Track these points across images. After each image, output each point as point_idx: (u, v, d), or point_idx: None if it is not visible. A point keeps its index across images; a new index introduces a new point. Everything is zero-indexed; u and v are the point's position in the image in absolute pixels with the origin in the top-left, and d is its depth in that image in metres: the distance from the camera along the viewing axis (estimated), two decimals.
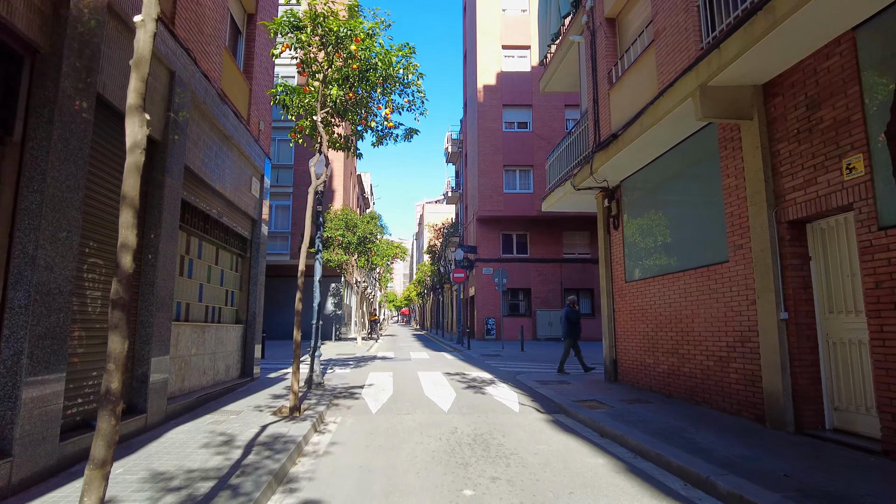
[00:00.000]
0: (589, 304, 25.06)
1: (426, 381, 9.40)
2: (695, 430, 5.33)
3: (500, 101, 25.27)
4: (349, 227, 19.05)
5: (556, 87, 11.91)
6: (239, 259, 9.16)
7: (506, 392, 8.28)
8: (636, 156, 7.82)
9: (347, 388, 8.57)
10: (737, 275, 6.05)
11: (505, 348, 17.98)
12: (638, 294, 8.52)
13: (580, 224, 25.19)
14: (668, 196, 7.70)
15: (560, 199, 10.40)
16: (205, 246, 7.59)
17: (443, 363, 13.02)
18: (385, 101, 7.77)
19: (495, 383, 9.21)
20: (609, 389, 8.35)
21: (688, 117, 6.40)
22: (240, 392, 7.86)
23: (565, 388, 8.52)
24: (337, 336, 24.31)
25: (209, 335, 7.51)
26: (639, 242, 8.57)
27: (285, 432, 5.25)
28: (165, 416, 5.55)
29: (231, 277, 8.77)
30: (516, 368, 11.86)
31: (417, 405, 7.22)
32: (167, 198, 5.56)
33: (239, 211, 8.64)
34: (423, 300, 57.01)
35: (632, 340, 8.70)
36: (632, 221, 8.83)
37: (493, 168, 24.88)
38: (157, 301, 5.36)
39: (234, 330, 8.64)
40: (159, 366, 5.40)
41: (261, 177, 9.65)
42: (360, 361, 13.49)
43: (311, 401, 7.22)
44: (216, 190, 7.41)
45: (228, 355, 8.35)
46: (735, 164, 6.10)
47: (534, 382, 9.25)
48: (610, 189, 9.36)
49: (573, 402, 7.23)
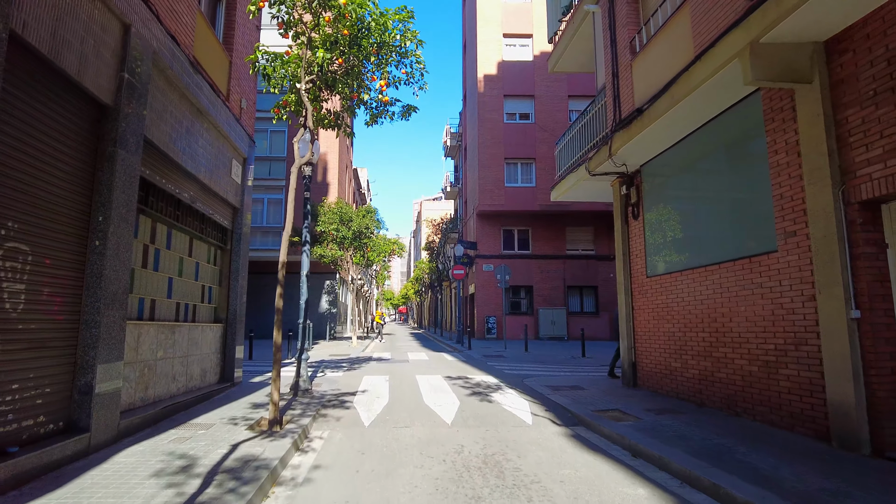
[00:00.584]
0: (593, 303, 24.23)
1: (425, 387, 8.53)
2: (746, 450, 4.48)
3: (501, 91, 24.38)
4: (344, 221, 18.15)
5: (566, 66, 11.03)
6: (218, 251, 8.27)
7: (515, 400, 7.42)
8: (662, 134, 6.96)
9: (338, 395, 7.70)
10: (788, 266, 5.20)
11: (508, 348, 17.13)
12: (662, 290, 7.66)
13: (584, 219, 24.36)
14: (699, 180, 6.85)
15: (572, 188, 9.53)
16: (175, 235, 6.69)
17: (443, 365, 12.16)
18: (380, 74, 6.89)
19: (502, 389, 8.35)
20: (630, 396, 7.50)
21: (729, 85, 5.54)
22: (216, 400, 6.98)
23: (581, 395, 7.68)
24: (331, 335, 23.42)
25: (180, 336, 6.62)
26: (663, 233, 7.72)
27: (259, 453, 4.38)
28: (117, 433, 4.66)
29: (208, 271, 7.88)
30: (522, 371, 11.01)
31: (416, 416, 6.35)
32: (120, 174, 4.67)
33: (217, 197, 7.74)
34: (421, 298, 56.16)
35: (654, 342, 7.85)
36: (654, 210, 7.97)
37: (494, 161, 24.00)
38: (106, 296, 4.47)
39: (211, 330, 7.75)
40: (109, 373, 4.52)
41: (243, 161, 8.75)
42: (354, 363, 12.61)
43: (296, 411, 6.35)
44: (187, 171, 6.52)
45: (205, 358, 7.46)
46: (786, 138, 5.24)
47: (544, 388, 8.40)
48: (628, 175, 8.50)
49: (593, 412, 6.38)
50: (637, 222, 8.42)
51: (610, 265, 24.04)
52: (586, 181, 9.08)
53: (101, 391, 4.41)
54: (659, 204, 7.87)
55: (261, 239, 22.75)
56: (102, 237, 4.48)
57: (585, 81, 24.45)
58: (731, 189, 6.23)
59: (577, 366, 12.36)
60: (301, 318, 7.79)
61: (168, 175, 6.17)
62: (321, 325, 23.48)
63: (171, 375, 6.34)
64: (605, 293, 23.89)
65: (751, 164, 5.85)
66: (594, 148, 8.55)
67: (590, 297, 24.26)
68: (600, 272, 24.08)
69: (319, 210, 18.42)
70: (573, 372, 10.94)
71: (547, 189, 23.59)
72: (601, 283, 23.99)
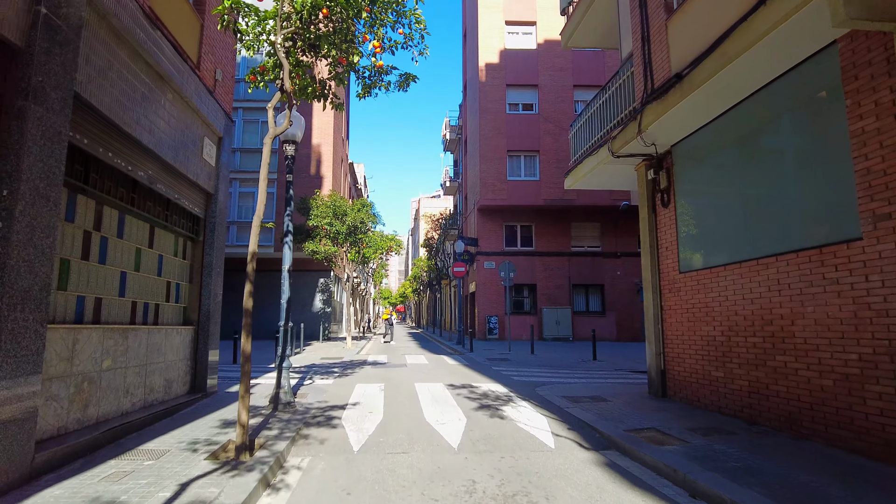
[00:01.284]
0: (599, 302, 23.23)
1: (426, 398, 7.49)
2: (846, 495, 3.46)
3: (504, 80, 23.33)
4: (338, 215, 17.08)
5: (581, 40, 9.98)
6: (188, 243, 7.22)
7: (530, 415, 6.40)
8: (706, 103, 5.93)
9: (325, 409, 6.65)
10: (879, 257, 4.18)
11: (512, 350, 16.10)
12: (699, 287, 6.65)
13: (590, 214, 23.35)
14: (748, 156, 5.83)
15: (590, 173, 8.50)
16: (130, 222, 5.64)
17: (444, 370, 11.12)
18: (373, 35, 5.86)
19: (513, 401, 7.32)
20: (662, 410, 6.48)
21: (802, 33, 4.51)
22: (181, 416, 5.93)
23: (605, 409, 6.66)
24: (325, 336, 22.37)
25: (136, 342, 5.57)
26: (700, 222, 6.70)
27: (212, 498, 3.34)
28: (30, 471, 3.61)
29: (175, 266, 6.83)
30: (532, 377, 9.98)
31: (416, 437, 5.32)
32: (34, 136, 3.61)
33: (185, 180, 6.69)
34: (419, 297, 55.14)
35: (689, 347, 6.83)
36: (689, 195, 6.95)
37: (496, 153, 22.95)
38: (11, 293, 3.42)
39: (178, 334, 6.71)
40: (14, 392, 3.47)
41: (218, 140, 7.70)
42: (347, 368, 11.57)
43: (272, 430, 5.31)
44: (143, 145, 5.46)
45: (170, 366, 6.42)
46: (875, 98, 4.22)
47: (561, 399, 7.38)
48: (657, 157, 7.48)
49: (626, 432, 5.37)
50: (667, 211, 7.40)
51: (617, 263, 23.05)
52: (608, 165, 8.05)
53: (4, 417, 3.36)
54: (695, 188, 6.85)
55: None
56: (6, 217, 3.43)
57: (592, 70, 23.44)
58: (794, 166, 5.21)
59: (589, 370, 11.35)
60: (282, 319, 6.74)
61: (116, 148, 5.11)
62: (314, 326, 22.43)
63: (122, 389, 5.29)
64: (612, 292, 22.90)
65: (821, 135, 4.83)
66: (619, 126, 7.52)
67: (596, 296, 23.27)
68: (607, 270, 23.07)
69: (312, 203, 17.35)
70: (588, 378, 9.92)
71: (551, 183, 22.58)
72: (608, 281, 22.99)
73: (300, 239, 17.96)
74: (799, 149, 5.16)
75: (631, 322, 22.72)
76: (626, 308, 22.80)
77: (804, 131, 5.09)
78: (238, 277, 22.77)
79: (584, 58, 23.67)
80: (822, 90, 4.83)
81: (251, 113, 22.34)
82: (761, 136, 5.65)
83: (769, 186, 5.51)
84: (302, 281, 23.57)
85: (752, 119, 5.72)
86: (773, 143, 5.51)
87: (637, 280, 22.95)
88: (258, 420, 5.83)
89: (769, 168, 5.53)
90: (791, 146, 5.27)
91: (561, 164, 22.77)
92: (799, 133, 5.17)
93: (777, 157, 5.44)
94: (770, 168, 5.51)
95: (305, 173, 22.83)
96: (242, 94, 22.49)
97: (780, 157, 5.41)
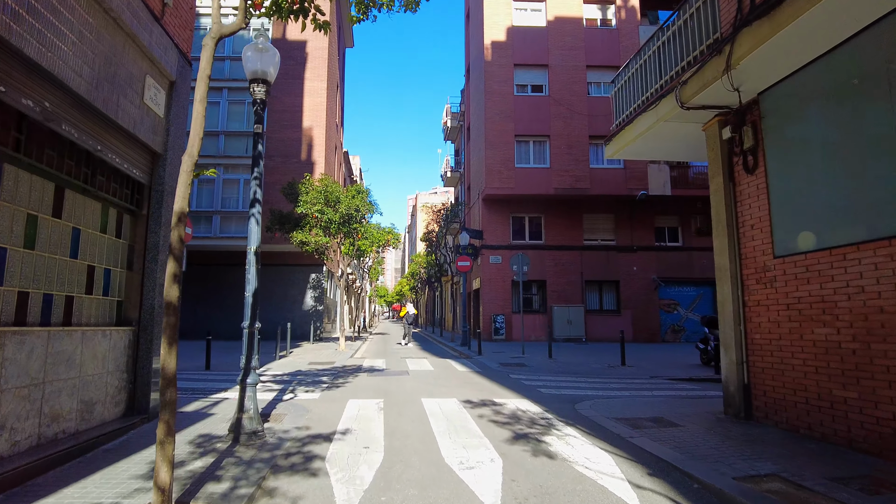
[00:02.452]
0: (613, 300, 21.56)
1: (439, 422, 5.75)
2: None
3: (511, 59, 21.57)
4: (330, 202, 15.29)
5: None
6: (126, 217, 5.46)
7: (586, 449, 4.67)
8: (829, 23, 4.21)
9: (304, 441, 4.90)
10: None
11: (526, 354, 14.38)
12: (808, 276, 4.94)
13: (604, 205, 21.67)
14: (887, 97, 4.11)
15: (641, 136, 6.79)
16: (15, 175, 3.87)
17: (454, 380, 9.38)
18: None
19: (555, 426, 5.59)
20: (760, 442, 4.78)
21: None
22: (96, 457, 4.17)
23: (680, 438, 4.96)
24: (317, 336, 20.58)
25: (28, 351, 3.81)
26: (808, 188, 4.99)
27: None
28: None
29: (105, 246, 5.06)
30: (562, 389, 8.27)
31: (435, 496, 3.57)
32: None
33: (114, 127, 4.92)
34: (417, 295, 53.39)
35: (793, 355, 5.13)
36: (788, 154, 5.24)
37: (503, 138, 21.21)
38: None
39: (107, 338, 4.94)
40: None
41: (169, 85, 5.93)
42: (339, 375, 9.81)
43: (222, 483, 3.56)
44: (27, 57, 3.69)
45: (89, 383, 4.65)
46: None
47: (615, 423, 5.67)
48: (738, 108, 5.78)
49: (737, 481, 3.68)
50: (753, 177, 5.69)
51: (633, 257, 21.38)
52: (668, 123, 6.35)
53: None
54: (797, 145, 5.14)
55: (235, 227, 19.84)
56: None
57: (607, 50, 21.75)
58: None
59: (623, 378, 9.66)
60: (246, 319, 4.98)
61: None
62: (306, 326, 20.64)
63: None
64: (628, 289, 21.23)
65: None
66: (692, 67, 5.78)
67: (610, 292, 21.59)
68: (622, 265, 21.40)
69: (301, 188, 15.54)
70: (629, 390, 8.22)
71: (563, 170, 20.88)
72: (623, 277, 21.31)
73: (288, 228, 16.16)
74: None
75: (648, 321, 21.05)
76: (642, 306, 21.13)
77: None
78: (221, 272, 20.97)
79: (598, 36, 21.97)
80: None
81: (237, 94, 20.52)
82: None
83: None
84: (291, 276, 21.76)
85: (883, 46, 4.01)
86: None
87: (655, 276, 21.30)
88: (205, 462, 4.07)
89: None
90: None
91: (573, 150, 21.06)
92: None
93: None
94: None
95: (295, 158, 21.01)
96: (228, 72, 20.65)
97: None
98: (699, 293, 21.70)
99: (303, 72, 21.71)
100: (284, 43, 21.79)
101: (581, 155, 21.02)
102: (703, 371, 10.98)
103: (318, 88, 21.66)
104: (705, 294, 21.69)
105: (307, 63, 21.82)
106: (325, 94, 21.82)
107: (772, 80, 5.30)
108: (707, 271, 21.56)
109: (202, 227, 19.80)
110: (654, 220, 21.85)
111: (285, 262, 21.43)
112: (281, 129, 21.20)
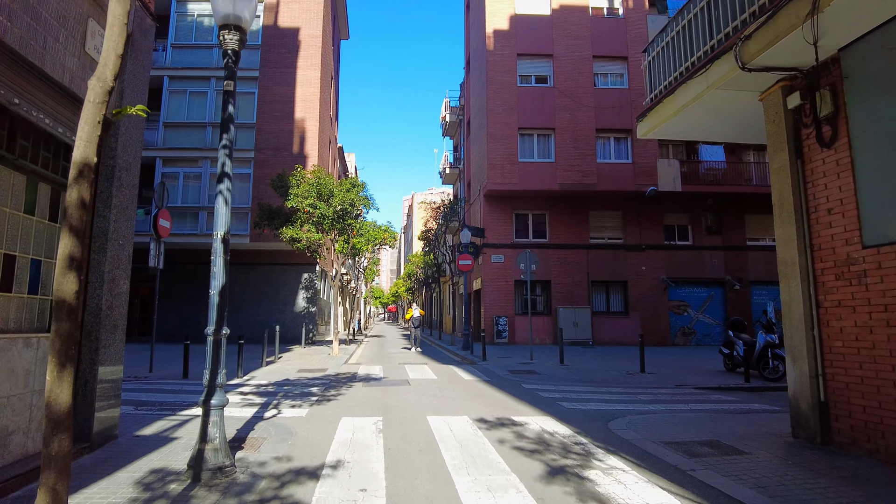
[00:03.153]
0: (621, 301, 20.60)
1: (452, 450, 4.70)
2: None
3: (514, 49, 20.59)
4: (323, 195, 14.23)
5: None
6: (63, 196, 4.39)
7: (641, 488, 3.65)
8: None
9: (283, 481, 3.85)
10: None
11: (535, 359, 13.36)
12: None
13: (611, 202, 20.72)
14: None
15: (685, 107, 5.79)
16: None
17: (461, 391, 8.34)
18: None
19: (593, 454, 4.56)
20: (865, 480, 3.78)
21: None
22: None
23: (753, 471, 3.97)
24: (309, 339, 19.50)
25: None
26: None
27: None
28: None
29: (28, 231, 4.01)
30: (586, 403, 7.27)
31: None
32: None
33: (43, 80, 3.87)
34: (413, 296, 52.29)
35: (892, 368, 4.13)
36: (883, 120, 4.26)
37: (506, 131, 20.21)
38: None
39: (32, 348, 3.88)
40: None
41: (124, 35, 4.85)
42: (331, 386, 8.75)
43: None
44: None
45: (4, 408, 3.59)
46: None
47: (665, 449, 4.66)
48: (811, 70, 4.80)
49: None
50: (832, 152, 4.71)
51: (641, 256, 20.43)
52: (720, 91, 5.36)
53: None
54: (894, 108, 4.16)
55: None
56: None
57: (614, 40, 20.83)
58: None
59: (648, 389, 8.68)
60: (211, 324, 3.93)
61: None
62: (297, 328, 19.55)
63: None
64: (636, 290, 20.27)
65: None
66: (761, 14, 4.78)
67: (618, 293, 20.63)
68: (630, 265, 20.45)
69: (291, 181, 14.47)
70: (662, 404, 7.23)
71: (568, 165, 19.91)
72: (631, 277, 20.36)
73: (277, 224, 15.08)
74: None
75: (657, 324, 20.09)
76: (651, 308, 20.17)
77: None
78: (208, 272, 19.86)
79: (605, 25, 21.04)
80: None
81: (193, 83, 19.37)
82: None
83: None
84: (282, 276, 20.67)
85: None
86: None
87: (664, 276, 20.36)
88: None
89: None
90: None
91: (579, 144, 20.10)
92: None
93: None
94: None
95: (287, 151, 19.91)
96: (216, 61, 19.53)
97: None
98: (710, 294, 20.78)
99: (295, 60, 20.63)
100: (276, 30, 20.72)
101: (587, 149, 20.08)
102: (730, 378, 10.03)
103: (312, 78, 20.58)
104: (716, 295, 20.78)
105: (300, 51, 20.74)
106: (319, 83, 20.76)
107: (861, 29, 4.32)
108: (717, 271, 20.65)
109: (188, 224, 18.68)
110: (663, 217, 20.92)
111: (276, 261, 20.32)
112: (272, 121, 20.10)
